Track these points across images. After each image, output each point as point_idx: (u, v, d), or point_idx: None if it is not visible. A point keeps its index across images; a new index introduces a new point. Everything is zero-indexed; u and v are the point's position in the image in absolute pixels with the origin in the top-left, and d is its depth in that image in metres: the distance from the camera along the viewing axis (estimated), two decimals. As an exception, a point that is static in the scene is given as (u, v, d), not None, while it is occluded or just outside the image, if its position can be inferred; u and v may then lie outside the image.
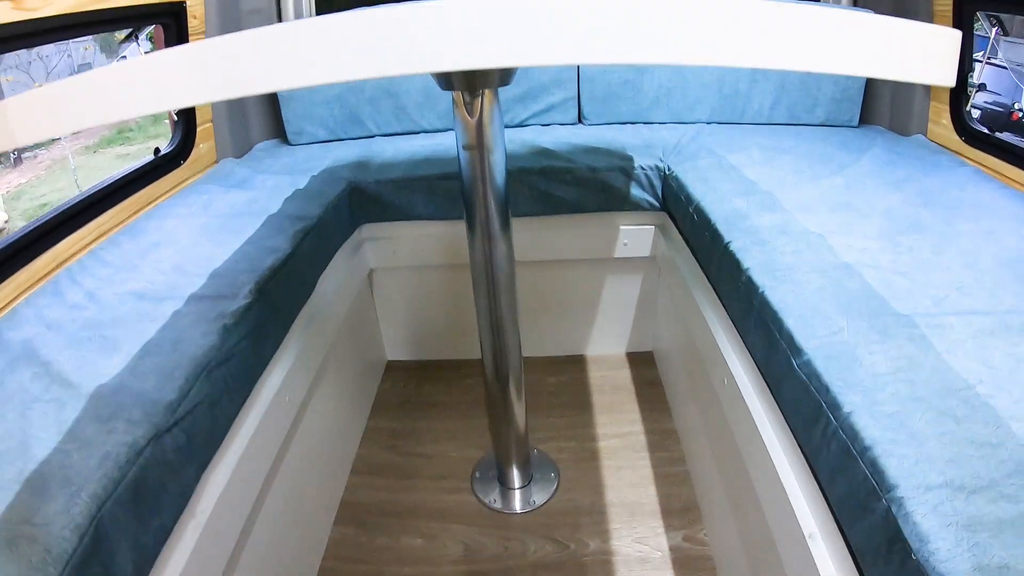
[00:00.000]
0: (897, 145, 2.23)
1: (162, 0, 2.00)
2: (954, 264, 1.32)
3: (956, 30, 0.61)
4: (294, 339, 1.54)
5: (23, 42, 1.58)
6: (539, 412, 2.13)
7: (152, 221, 1.84)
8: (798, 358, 1.07)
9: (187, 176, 2.24)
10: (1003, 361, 1.02)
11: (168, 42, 2.16)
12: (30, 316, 1.39)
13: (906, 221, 1.53)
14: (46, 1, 1.55)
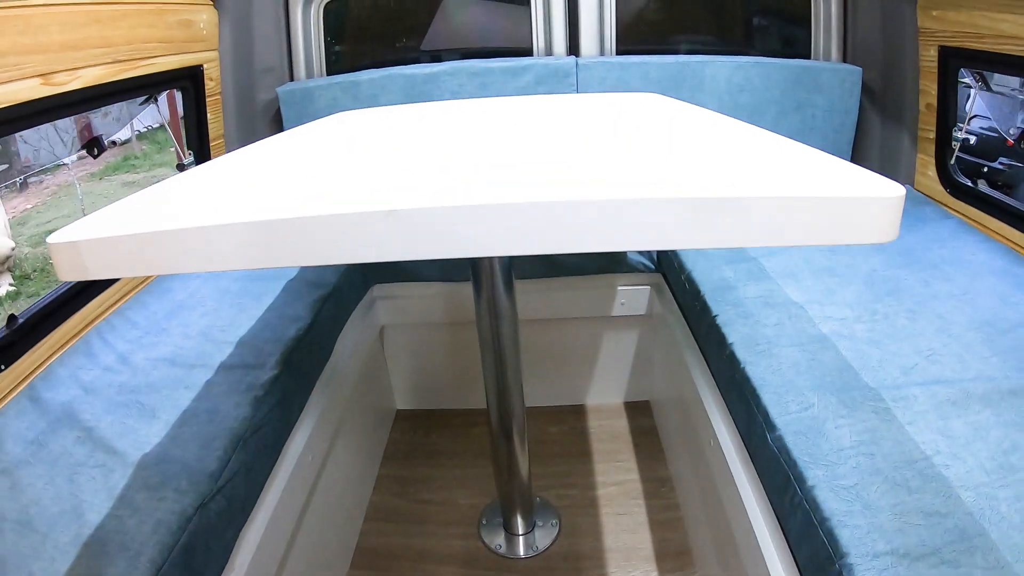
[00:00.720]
0: None
1: (182, 66, 2.17)
2: (927, 329, 1.46)
3: (900, 188, 0.71)
4: (315, 400, 1.67)
5: (52, 115, 1.72)
6: (542, 461, 2.26)
7: (175, 280, 1.98)
8: (771, 433, 1.20)
9: None
10: (962, 430, 1.15)
11: (186, 104, 2.31)
12: (65, 377, 1.53)
13: (885, 285, 1.67)
14: (73, 75, 1.70)
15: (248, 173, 1.09)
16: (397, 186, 0.87)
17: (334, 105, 2.55)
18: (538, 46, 2.73)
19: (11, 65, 1.49)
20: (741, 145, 1.03)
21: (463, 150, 1.17)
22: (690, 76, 2.51)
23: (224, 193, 0.93)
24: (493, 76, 2.53)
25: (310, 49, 2.75)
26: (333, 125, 1.68)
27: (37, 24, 1.56)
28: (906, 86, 2.44)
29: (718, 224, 0.70)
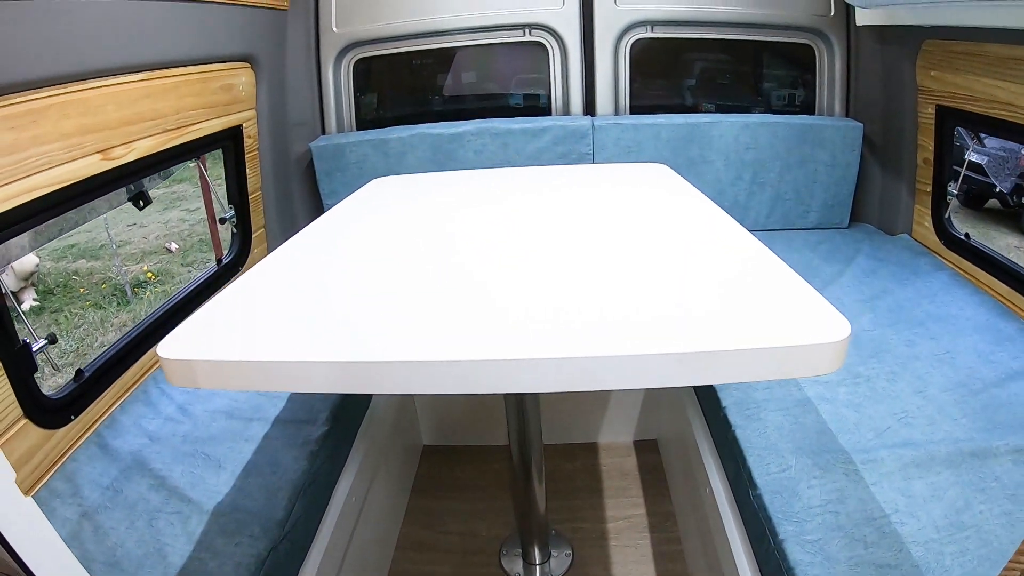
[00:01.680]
0: (882, 248, 2.59)
1: (224, 127, 2.40)
2: (905, 391, 1.68)
3: (845, 329, 0.94)
4: (357, 447, 1.91)
5: (109, 188, 1.92)
6: (557, 495, 2.48)
7: None
8: (753, 491, 1.43)
9: None
10: (921, 490, 1.37)
11: (227, 161, 2.54)
12: (130, 425, 1.76)
13: (871, 346, 1.88)
14: (128, 148, 1.90)
15: (315, 279, 1.33)
16: (441, 320, 1.10)
17: (364, 161, 2.80)
18: (556, 104, 2.97)
19: (74, 145, 1.67)
20: (719, 266, 1.27)
21: (490, 255, 1.42)
22: (699, 136, 2.75)
23: (303, 311, 1.17)
24: (514, 137, 2.77)
25: (340, 103, 3.01)
26: (370, 204, 1.92)
27: (96, 104, 1.74)
28: (905, 141, 2.65)
29: (701, 368, 0.94)
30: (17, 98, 1.46)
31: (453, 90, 3.27)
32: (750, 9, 2.83)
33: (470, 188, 2.07)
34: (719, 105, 3.16)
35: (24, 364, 1.57)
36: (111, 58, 1.77)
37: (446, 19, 2.87)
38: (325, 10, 2.87)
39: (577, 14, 2.84)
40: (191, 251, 6.48)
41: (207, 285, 2.41)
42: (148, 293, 5.62)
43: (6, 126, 1.44)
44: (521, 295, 1.16)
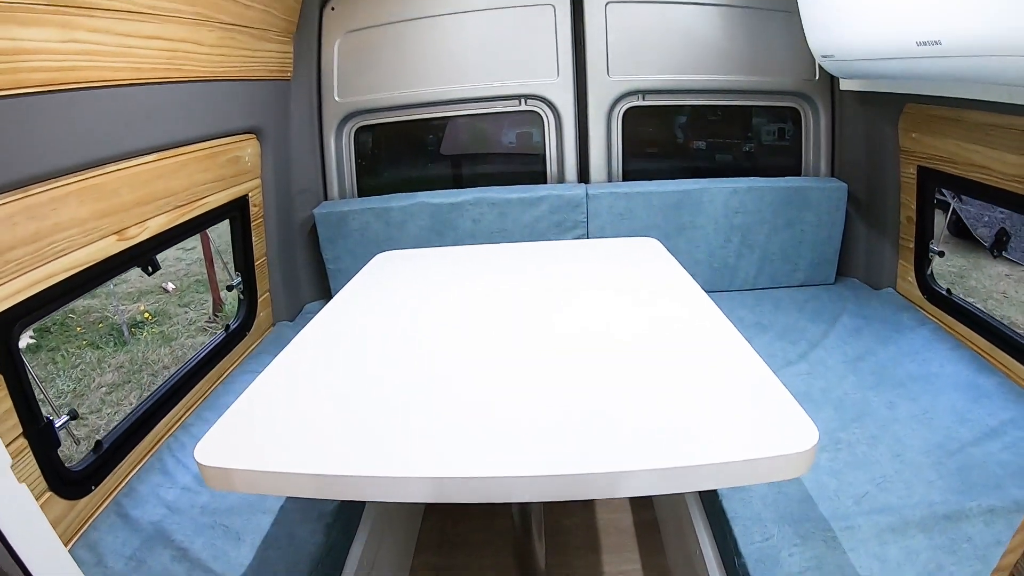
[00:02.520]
0: (867, 304, 2.75)
1: (231, 199, 2.54)
2: (884, 456, 1.82)
3: (813, 437, 1.11)
4: (368, 513, 2.03)
5: (124, 267, 2.03)
6: (557, 551, 2.60)
7: (231, 397, 2.27)
8: (739, 558, 1.57)
9: (251, 343, 2.76)
10: (895, 555, 1.51)
11: (233, 231, 2.69)
12: (148, 495, 1.87)
13: (853, 410, 2.03)
14: (142, 227, 2.02)
15: (331, 381, 1.47)
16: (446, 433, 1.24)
17: (366, 228, 2.96)
18: (551, 171, 3.15)
19: (92, 229, 1.78)
20: (701, 369, 1.41)
21: (488, 356, 1.55)
22: (689, 202, 2.92)
23: (323, 419, 1.31)
24: (511, 207, 2.94)
25: (342, 170, 3.18)
26: (375, 289, 2.09)
27: (112, 188, 1.86)
28: (888, 199, 2.83)
29: (680, 479, 1.09)
30: (39, 188, 1.58)
31: (452, 157, 3.44)
32: (738, 76, 3.02)
33: (468, 271, 2.21)
34: (709, 167, 3.33)
35: (48, 440, 1.69)
36: (126, 143, 1.90)
37: (444, 90, 3.05)
38: (327, 81, 3.05)
39: (571, 85, 3.02)
40: (188, 291, 6.56)
41: (216, 352, 2.53)
42: (145, 334, 5.67)
43: (28, 216, 1.56)
44: (519, 406, 1.30)
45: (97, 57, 1.70)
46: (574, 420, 1.23)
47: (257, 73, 2.61)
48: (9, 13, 1.40)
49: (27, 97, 1.50)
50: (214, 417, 2.20)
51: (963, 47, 1.75)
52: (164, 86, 2.02)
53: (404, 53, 3.03)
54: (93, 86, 1.71)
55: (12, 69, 1.44)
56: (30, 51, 1.48)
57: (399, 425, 1.26)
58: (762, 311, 2.78)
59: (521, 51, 3.02)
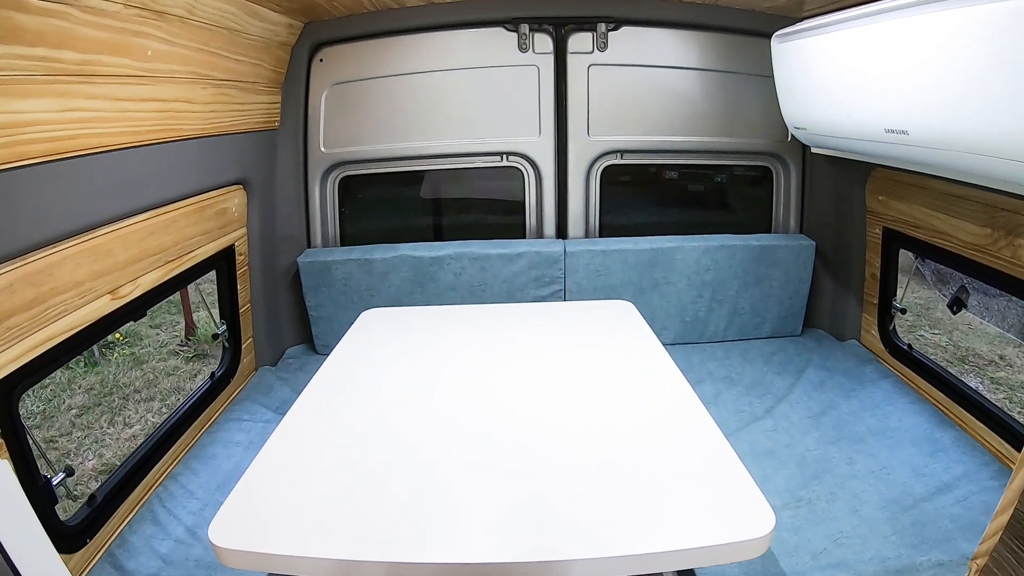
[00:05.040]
0: (831, 355, 2.97)
1: (218, 249, 2.66)
2: (842, 511, 2.01)
3: (770, 523, 1.28)
4: None
5: (117, 324, 2.12)
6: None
7: (217, 447, 2.44)
8: (704, 612, 1.77)
9: (235, 388, 2.89)
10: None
11: (219, 280, 2.82)
12: (141, 546, 1.97)
13: (814, 467, 2.23)
14: (135, 284, 2.11)
15: (326, 460, 1.60)
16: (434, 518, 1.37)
17: (349, 278, 3.13)
18: (530, 225, 3.35)
19: (87, 291, 1.86)
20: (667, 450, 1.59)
21: (466, 421, 1.73)
22: (663, 260, 3.13)
23: (322, 502, 1.44)
24: (491, 262, 3.12)
25: (326, 218, 3.34)
26: (362, 357, 2.21)
27: (106, 249, 1.93)
28: (854, 256, 3.06)
29: (646, 563, 1.26)
30: (37, 255, 1.65)
31: (433, 206, 3.62)
32: (714, 137, 3.25)
33: (450, 336, 2.35)
34: (683, 221, 3.54)
35: (46, 498, 1.79)
36: (122, 204, 1.99)
37: (429, 144, 3.24)
38: (313, 131, 3.21)
39: (552, 143, 3.23)
40: (159, 312, 6.56)
41: (201, 400, 2.65)
42: (116, 355, 5.71)
43: (28, 282, 1.62)
44: (501, 494, 1.44)
45: (95, 124, 1.78)
46: (544, 507, 1.39)
47: (245, 125, 2.72)
48: (8, 86, 1.45)
49: (26, 168, 1.56)
50: (201, 467, 2.38)
51: (929, 139, 1.94)
52: (158, 146, 2.11)
53: (390, 106, 3.21)
54: (91, 152, 1.79)
55: (11, 143, 1.50)
56: (29, 123, 1.54)
57: (405, 512, 1.40)
58: (731, 364, 2.99)
59: (504, 109, 3.21)
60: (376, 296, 3.16)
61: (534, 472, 1.52)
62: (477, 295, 3.18)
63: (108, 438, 4.53)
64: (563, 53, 3.16)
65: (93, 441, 4.51)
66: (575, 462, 1.55)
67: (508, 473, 1.52)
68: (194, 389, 2.77)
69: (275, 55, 2.84)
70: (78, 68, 1.66)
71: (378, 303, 3.12)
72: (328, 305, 3.20)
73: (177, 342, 6.00)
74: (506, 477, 1.50)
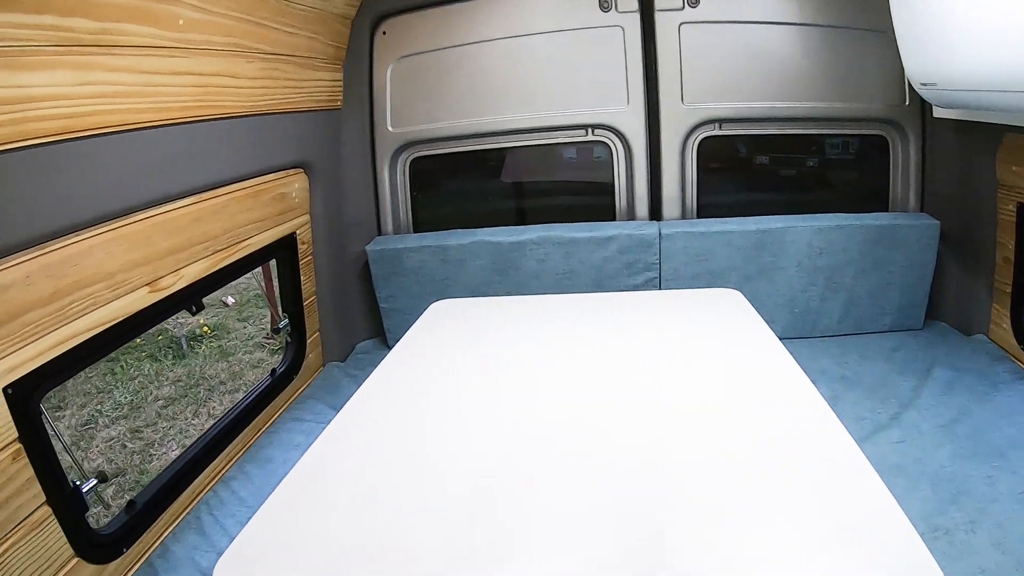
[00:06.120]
0: (959, 352, 2.68)
1: (277, 238, 2.53)
2: (982, 545, 1.74)
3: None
4: None
5: (158, 319, 2.00)
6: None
7: (275, 450, 2.32)
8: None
9: (299, 386, 2.77)
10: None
11: (281, 271, 2.70)
12: (183, 558, 1.85)
13: (950, 487, 1.95)
14: (177, 276, 1.99)
15: (384, 475, 1.42)
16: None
17: (422, 268, 2.97)
18: (620, 206, 3.11)
19: (119, 283, 1.74)
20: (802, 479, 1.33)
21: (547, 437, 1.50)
22: (771, 242, 2.85)
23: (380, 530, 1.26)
24: (578, 246, 2.90)
25: (397, 203, 3.19)
26: (428, 353, 2.04)
27: (142, 237, 1.81)
28: (983, 238, 2.74)
29: None
30: (56, 244, 1.53)
31: (513, 188, 3.42)
32: (821, 103, 2.94)
33: (530, 331, 2.14)
34: (789, 200, 3.25)
35: (75, 506, 1.67)
36: (155, 188, 1.86)
37: (506, 119, 3.04)
38: (380, 110, 3.06)
39: (642, 114, 2.97)
40: (247, 306, 6.63)
41: (262, 398, 2.53)
42: (204, 347, 5.78)
43: (46, 274, 1.50)
44: (595, 515, 1.24)
45: (119, 99, 1.66)
46: (652, 549, 1.17)
47: (304, 104, 2.59)
48: (13, 58, 1.35)
49: (37, 148, 1.44)
50: (256, 471, 2.24)
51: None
52: (196, 125, 1.98)
53: (461, 80, 3.02)
54: (113, 131, 1.66)
55: (18, 119, 1.38)
56: (38, 98, 1.42)
57: (441, 540, 1.22)
58: (847, 362, 2.71)
59: (587, 77, 2.98)
60: (452, 286, 2.99)
61: (629, 490, 1.31)
62: (563, 284, 2.96)
63: (192, 429, 4.56)
64: (650, 11, 2.91)
65: (177, 432, 4.54)
66: (677, 478, 1.33)
67: (602, 492, 1.31)
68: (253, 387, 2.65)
69: (333, 28, 2.70)
70: (95, 38, 1.53)
71: (455, 293, 2.93)
72: (401, 296, 3.06)
73: (263, 335, 6.05)
74: (600, 497, 1.30)
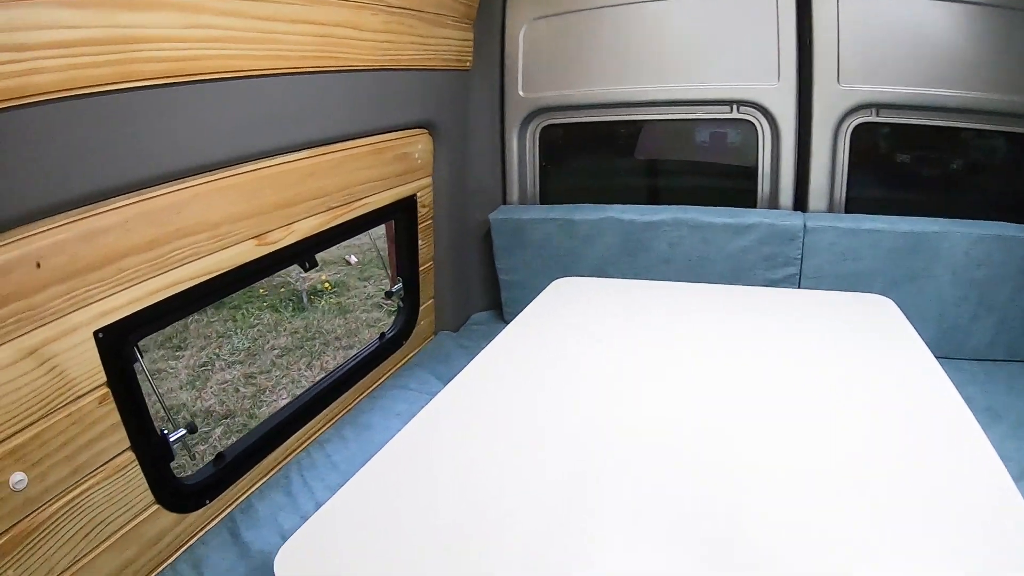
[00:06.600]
0: None
1: (396, 199, 2.46)
2: None
3: None
4: None
5: (266, 272, 1.99)
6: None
7: (375, 416, 2.26)
8: None
9: (408, 352, 2.73)
10: None
11: (398, 233, 2.64)
12: (266, 517, 1.80)
13: None
14: (287, 231, 1.94)
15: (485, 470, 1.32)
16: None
17: (547, 242, 2.85)
18: (762, 192, 2.86)
19: (225, 234, 1.72)
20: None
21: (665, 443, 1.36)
22: (925, 247, 2.54)
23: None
24: (714, 232, 2.68)
25: (524, 172, 3.08)
26: (546, 330, 1.95)
27: (251, 189, 1.78)
28: None
29: None
30: (158, 191, 1.51)
31: (647, 168, 3.24)
32: (1002, 94, 2.57)
33: (657, 319, 2.00)
34: (947, 202, 2.89)
35: (160, 454, 1.67)
36: (267, 139, 1.81)
37: (645, 90, 2.84)
38: (511, 73, 2.93)
39: (793, 92, 2.72)
40: (369, 266, 6.74)
41: (367, 361, 2.49)
42: (323, 303, 5.95)
43: (147, 221, 1.49)
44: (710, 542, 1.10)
45: (228, 44, 1.59)
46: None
47: (431, 62, 2.49)
48: None
49: (140, 91, 1.40)
50: (353, 436, 2.19)
51: None
52: (314, 76, 1.91)
53: (599, 45, 2.84)
54: (222, 77, 1.60)
55: (123, 60, 1.34)
56: (144, 39, 1.37)
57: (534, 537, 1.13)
58: (995, 391, 2.40)
59: (735, 48, 2.74)
60: (576, 262, 2.86)
61: (733, 499, 1.18)
62: (695, 271, 2.75)
63: (303, 380, 4.65)
64: (807, -22, 2.61)
65: (289, 381, 4.65)
66: (805, 503, 1.18)
67: (701, 499, 1.19)
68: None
69: (463, -16, 2.57)
70: None
71: (578, 271, 2.77)
72: (521, 269, 2.96)
73: (382, 295, 6.10)
74: (697, 505, 1.17)
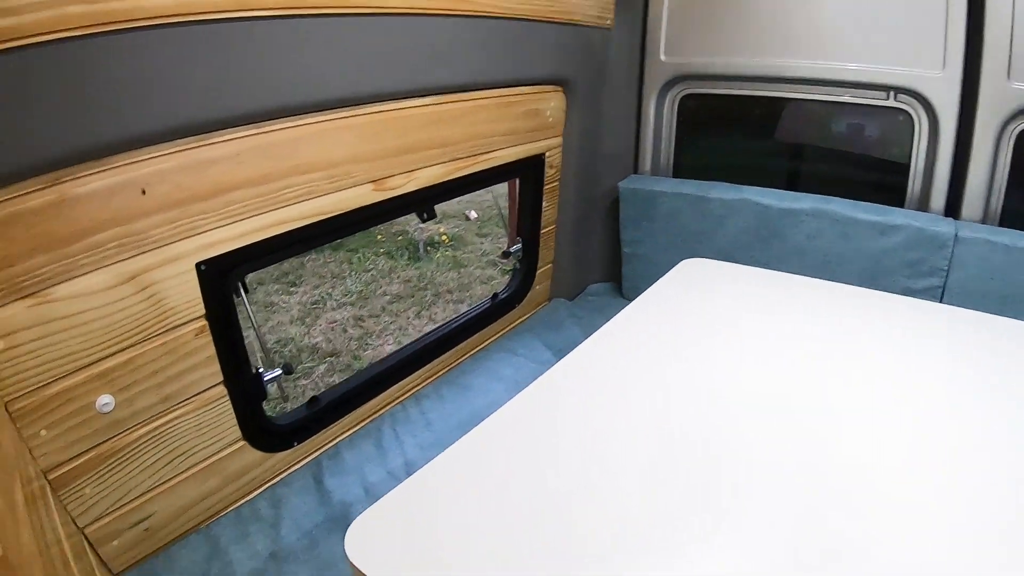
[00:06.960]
0: None
1: (524, 156, 2.38)
2: None
3: None
4: None
5: (384, 218, 1.96)
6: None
7: (478, 377, 2.21)
8: None
9: (519, 316, 2.65)
10: None
11: (523, 191, 2.58)
12: (352, 467, 1.78)
13: None
14: (408, 177, 1.91)
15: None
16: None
17: (676, 216, 2.70)
18: (912, 191, 2.57)
19: (342, 175, 1.69)
20: None
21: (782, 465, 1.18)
22: None
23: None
24: (858, 229, 2.43)
25: (659, 142, 2.92)
26: (669, 312, 1.82)
27: (372, 132, 1.74)
28: None
29: None
30: (273, 125, 1.48)
31: (788, 151, 3.02)
32: None
33: (792, 317, 1.82)
34: None
35: (253, 392, 1.68)
36: (394, 82, 1.76)
37: (796, 66, 2.61)
38: (653, 33, 2.77)
39: (958, 84, 2.40)
40: (488, 223, 6.78)
41: (476, 321, 2.43)
42: (438, 255, 6.01)
43: (260, 154, 1.47)
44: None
45: None
46: None
47: (571, 16, 2.37)
48: None
49: (263, 20, 1.36)
50: (452, 395, 2.13)
51: None
52: (447, 19, 1.83)
53: (749, 12, 2.63)
54: (350, 12, 1.54)
55: None
56: None
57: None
58: None
59: (898, 29, 2.43)
60: (704, 243, 2.68)
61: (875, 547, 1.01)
62: (829, 268, 2.50)
63: (411, 328, 4.70)
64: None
65: (397, 328, 4.71)
66: (937, 541, 1.02)
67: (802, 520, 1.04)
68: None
69: (610, -63, 2.45)
70: None
71: (705, 252, 2.53)
72: (647, 243, 2.81)
73: (499, 253, 6.13)
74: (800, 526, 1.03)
